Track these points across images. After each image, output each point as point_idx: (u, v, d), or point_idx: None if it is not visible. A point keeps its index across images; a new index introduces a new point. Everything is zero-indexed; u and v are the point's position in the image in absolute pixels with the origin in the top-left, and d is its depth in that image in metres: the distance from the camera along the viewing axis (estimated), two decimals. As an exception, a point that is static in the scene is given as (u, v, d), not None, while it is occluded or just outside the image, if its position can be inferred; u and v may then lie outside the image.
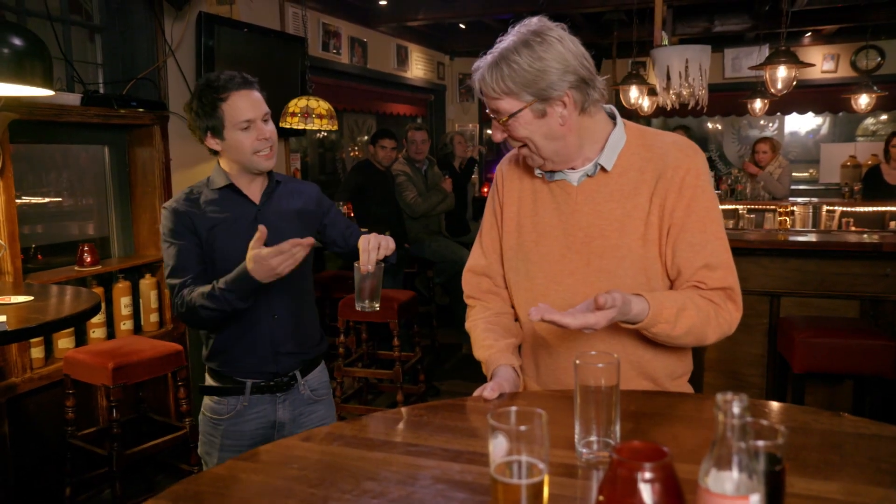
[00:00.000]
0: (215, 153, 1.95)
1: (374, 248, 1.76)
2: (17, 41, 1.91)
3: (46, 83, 2.01)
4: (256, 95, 1.90)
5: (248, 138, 1.87)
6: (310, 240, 1.74)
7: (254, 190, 1.97)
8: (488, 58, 1.39)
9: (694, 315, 1.37)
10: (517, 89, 1.36)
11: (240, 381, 1.97)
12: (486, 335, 1.55)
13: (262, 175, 1.98)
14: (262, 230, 1.74)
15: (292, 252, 1.70)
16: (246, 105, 1.86)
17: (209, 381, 2.02)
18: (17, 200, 2.90)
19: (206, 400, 2.01)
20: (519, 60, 1.35)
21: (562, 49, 1.36)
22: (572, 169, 1.48)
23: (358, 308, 1.79)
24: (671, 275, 1.46)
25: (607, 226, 1.45)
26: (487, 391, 1.40)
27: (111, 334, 3.31)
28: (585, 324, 1.25)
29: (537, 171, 1.53)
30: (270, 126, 1.92)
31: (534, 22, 1.39)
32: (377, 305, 1.79)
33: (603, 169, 1.46)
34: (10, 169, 2.78)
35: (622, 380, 1.45)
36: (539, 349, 1.56)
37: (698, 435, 1.22)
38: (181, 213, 1.91)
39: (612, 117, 1.50)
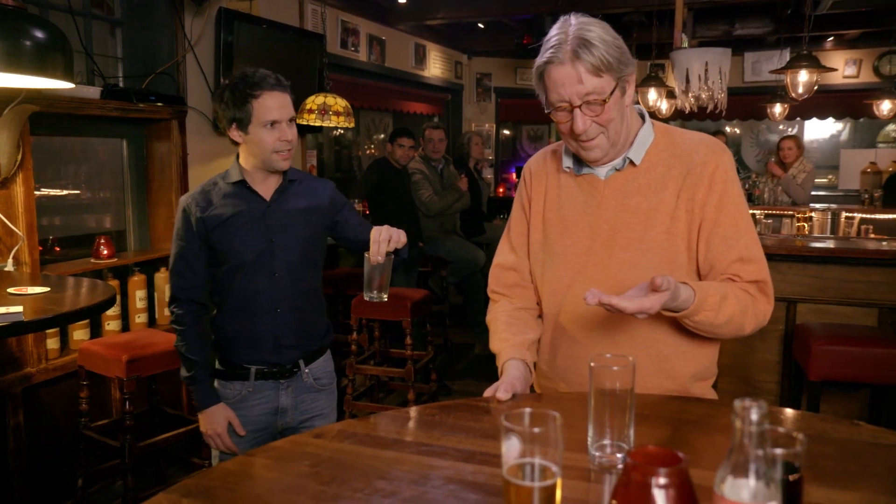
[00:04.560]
0: (235, 144, 2.02)
1: (384, 239, 1.79)
2: (39, 34, 1.92)
3: (67, 76, 2.02)
4: (286, 99, 1.97)
5: (271, 137, 1.93)
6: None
7: (267, 187, 2.03)
8: (567, 47, 1.34)
9: (735, 304, 1.38)
10: (615, 65, 1.36)
11: (245, 367, 2.05)
12: (504, 328, 1.57)
13: (277, 173, 2.03)
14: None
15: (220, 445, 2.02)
16: (275, 105, 1.93)
17: (217, 365, 2.10)
18: (36, 192, 2.92)
19: (215, 385, 2.09)
20: (604, 37, 1.34)
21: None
22: (601, 163, 1.49)
23: (366, 298, 1.83)
24: (703, 270, 1.47)
25: (632, 218, 1.47)
26: (500, 392, 1.39)
27: (126, 327, 3.33)
28: (641, 308, 1.25)
29: (565, 166, 1.54)
30: (294, 130, 1.98)
31: (572, 17, 1.39)
32: (385, 296, 1.82)
33: (631, 163, 1.48)
34: (30, 160, 2.80)
35: (641, 378, 1.44)
36: (559, 340, 1.56)
37: (717, 441, 1.20)
38: (189, 214, 2.00)
39: (642, 116, 1.52)
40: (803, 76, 4.30)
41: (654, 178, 1.47)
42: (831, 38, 7.20)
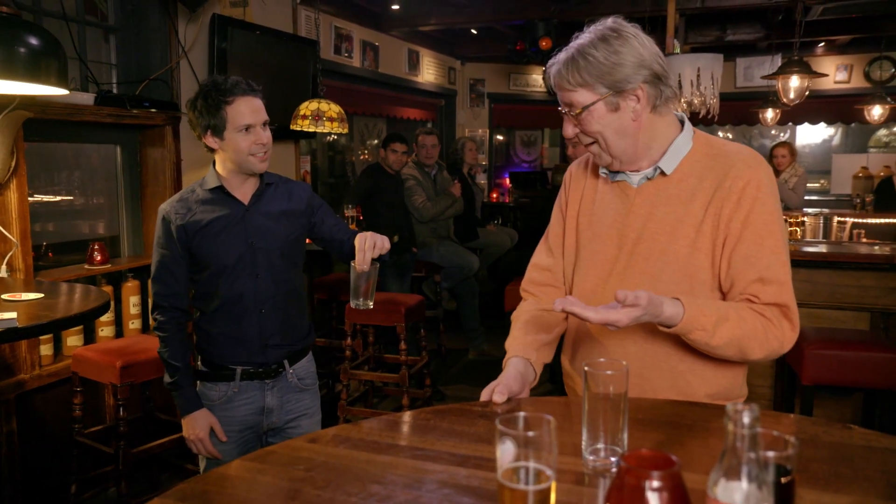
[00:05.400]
0: (211, 150, 2.04)
1: (369, 247, 1.84)
2: (33, 40, 1.92)
3: (61, 83, 2.02)
4: (258, 103, 2.00)
5: (246, 141, 1.96)
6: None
7: (244, 192, 2.06)
8: (564, 53, 1.41)
9: (736, 326, 1.33)
10: (592, 81, 1.37)
11: (230, 369, 2.07)
12: (520, 327, 1.59)
13: (254, 177, 2.07)
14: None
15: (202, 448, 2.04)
16: (248, 110, 1.97)
17: (201, 367, 2.13)
18: (30, 198, 2.92)
19: (199, 387, 2.11)
20: (595, 53, 1.36)
21: (637, 44, 1.37)
22: (635, 171, 1.48)
23: (353, 305, 1.87)
24: (725, 287, 1.43)
25: (658, 230, 1.45)
26: (496, 395, 1.39)
27: (119, 333, 3.32)
28: (606, 319, 1.23)
29: (601, 172, 1.54)
30: (268, 133, 2.02)
31: (609, 21, 1.40)
32: (371, 303, 1.87)
33: (663, 173, 1.46)
34: (24, 167, 2.80)
35: (653, 392, 1.43)
36: (580, 341, 1.57)
37: (711, 444, 1.21)
38: (168, 223, 2.02)
39: (682, 122, 1.50)
40: (795, 81, 4.34)
41: (685, 190, 1.44)
42: (822, 44, 7.26)
